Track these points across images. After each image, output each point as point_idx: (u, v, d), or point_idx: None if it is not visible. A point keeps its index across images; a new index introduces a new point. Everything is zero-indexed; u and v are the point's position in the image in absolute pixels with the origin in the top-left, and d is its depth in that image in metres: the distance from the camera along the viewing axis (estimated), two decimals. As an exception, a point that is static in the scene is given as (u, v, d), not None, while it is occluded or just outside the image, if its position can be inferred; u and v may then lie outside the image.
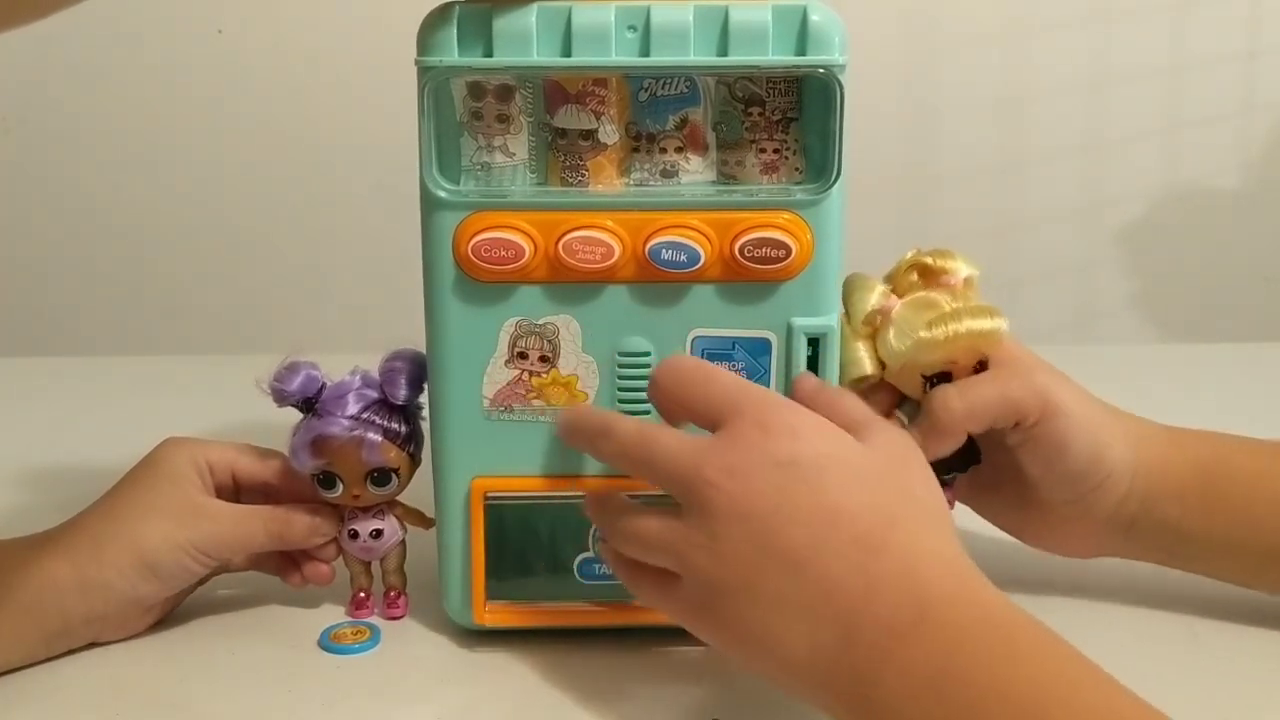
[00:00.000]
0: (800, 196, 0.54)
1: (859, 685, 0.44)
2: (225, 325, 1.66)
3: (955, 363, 0.57)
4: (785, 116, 0.55)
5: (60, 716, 0.53)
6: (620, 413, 0.53)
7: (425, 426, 0.59)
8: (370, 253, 1.60)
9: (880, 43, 1.60)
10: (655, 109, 0.55)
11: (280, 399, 0.58)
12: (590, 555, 0.58)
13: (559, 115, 0.54)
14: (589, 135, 0.54)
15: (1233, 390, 0.98)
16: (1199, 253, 1.71)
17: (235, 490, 0.60)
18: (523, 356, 0.56)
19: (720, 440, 0.48)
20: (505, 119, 0.55)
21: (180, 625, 0.60)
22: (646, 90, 0.55)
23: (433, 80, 0.53)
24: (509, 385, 0.56)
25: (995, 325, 0.56)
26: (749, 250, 0.53)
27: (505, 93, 0.54)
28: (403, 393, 0.58)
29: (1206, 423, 0.60)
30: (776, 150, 0.55)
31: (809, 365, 0.55)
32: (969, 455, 0.58)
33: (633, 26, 0.52)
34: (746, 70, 0.53)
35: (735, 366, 0.55)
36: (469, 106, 0.54)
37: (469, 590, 0.58)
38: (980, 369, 0.57)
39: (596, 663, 0.57)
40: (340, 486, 0.58)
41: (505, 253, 0.53)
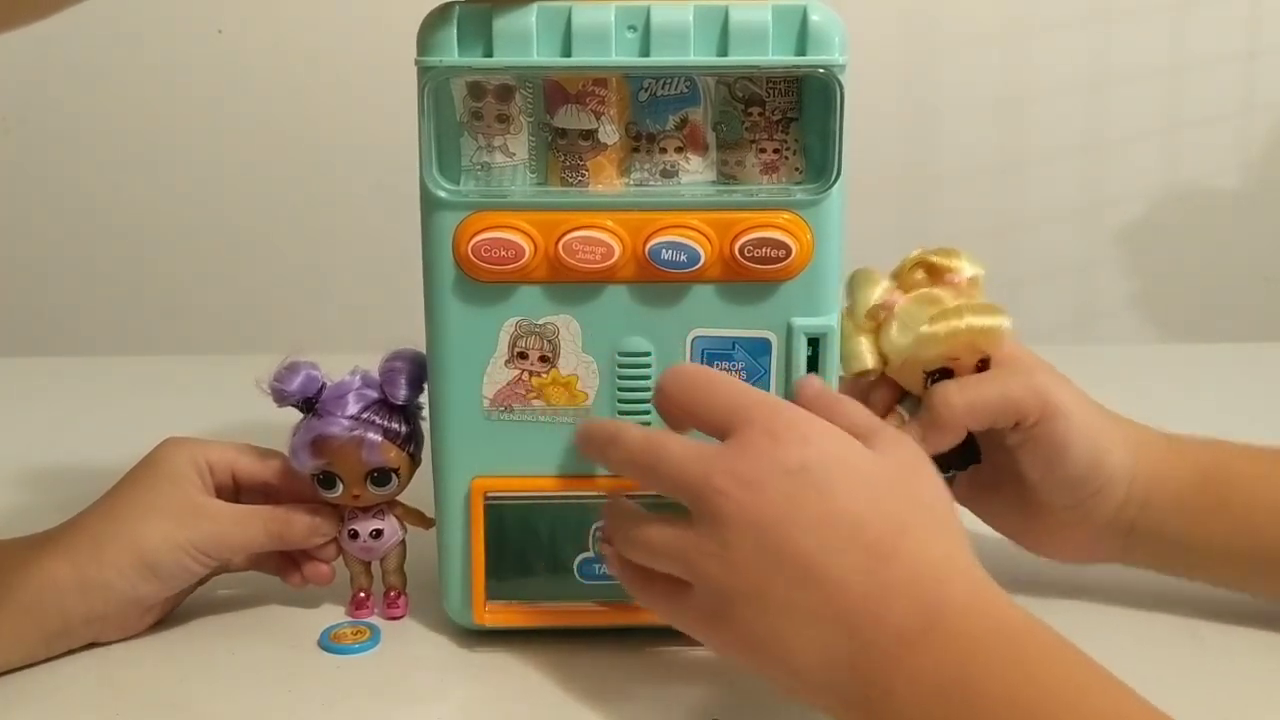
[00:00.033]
0: (800, 196, 0.54)
1: (870, 693, 0.44)
2: (225, 325, 1.66)
3: (957, 359, 0.57)
4: (785, 116, 0.55)
5: (60, 716, 0.53)
6: (624, 419, 0.53)
7: (425, 426, 0.59)
8: (370, 253, 1.60)
9: (880, 43, 1.60)
10: (655, 109, 0.55)
11: (280, 399, 0.58)
12: (590, 555, 0.58)
13: (559, 115, 0.54)
14: (589, 135, 0.54)
15: (1233, 390, 0.98)
16: (1199, 253, 1.71)
17: (235, 490, 0.60)
18: (523, 356, 0.56)
19: (730, 448, 0.48)
20: (505, 119, 0.55)
21: (180, 625, 0.60)
22: (646, 90, 0.55)
23: (433, 80, 0.53)
24: (509, 385, 0.56)
25: (998, 323, 0.56)
26: (749, 250, 0.53)
27: (505, 93, 0.54)
28: (403, 393, 0.58)
29: (1206, 423, 0.60)
30: (776, 150, 0.55)
31: (809, 365, 0.55)
32: (969, 454, 0.58)
33: (633, 26, 0.52)
34: (746, 70, 0.53)
35: (735, 367, 0.55)
36: (469, 106, 0.54)
37: (469, 590, 0.58)
38: (982, 368, 0.57)
39: (596, 663, 0.57)
40: (340, 486, 0.58)
41: (505, 253, 0.53)
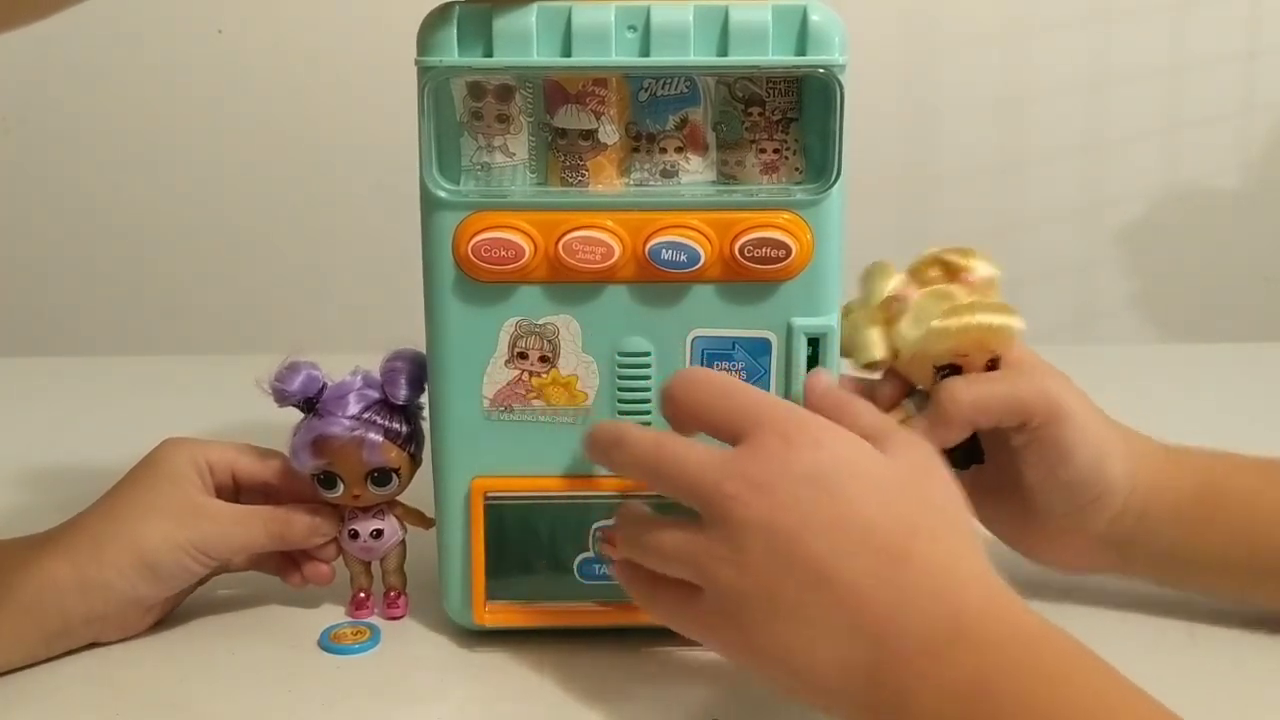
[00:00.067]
0: (800, 196, 0.54)
1: (890, 703, 0.43)
2: (225, 325, 1.66)
3: (966, 356, 0.57)
4: (785, 116, 0.55)
5: (60, 716, 0.53)
6: (625, 419, 0.53)
7: (425, 426, 0.59)
8: (370, 253, 1.60)
9: (880, 43, 1.60)
10: (655, 109, 0.55)
11: (281, 399, 0.58)
12: (590, 555, 0.58)
13: (559, 115, 0.54)
14: (589, 135, 0.54)
15: (1233, 390, 0.98)
16: (1199, 253, 1.71)
17: (235, 490, 0.60)
18: (523, 356, 0.56)
19: (742, 452, 0.47)
20: (505, 119, 0.55)
21: (180, 625, 0.60)
22: (646, 90, 0.55)
23: (433, 80, 0.53)
24: (509, 385, 0.56)
25: (1010, 322, 0.56)
26: (749, 250, 0.53)
27: (505, 93, 0.54)
28: (403, 393, 0.58)
29: (1206, 423, 0.60)
30: (776, 150, 0.55)
31: (809, 365, 0.55)
32: (971, 453, 0.58)
33: (633, 26, 0.52)
34: (746, 70, 0.53)
35: (735, 367, 0.55)
36: (469, 106, 0.54)
37: (469, 590, 0.58)
38: (991, 368, 0.57)
39: (596, 663, 0.57)
40: (341, 486, 0.58)
41: (505, 253, 0.53)
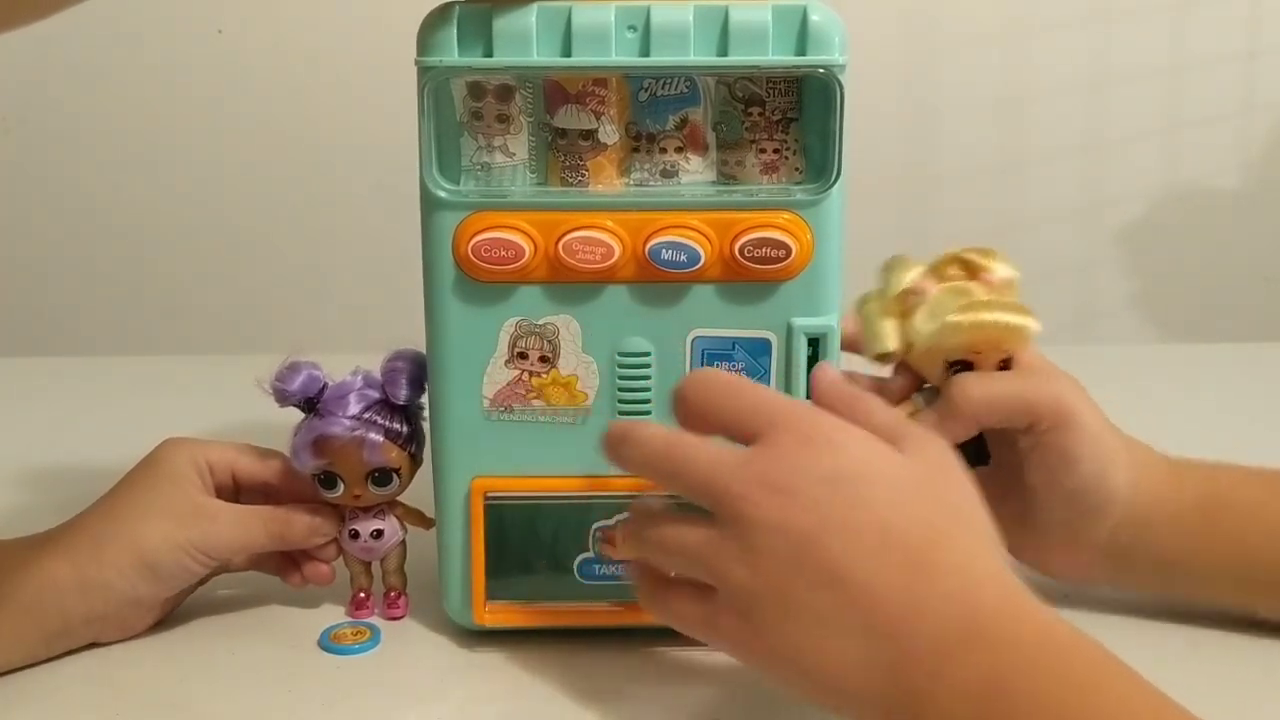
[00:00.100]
0: (800, 196, 0.54)
1: (904, 703, 0.43)
2: (225, 325, 1.67)
3: (979, 353, 0.57)
4: (785, 116, 0.55)
5: (60, 716, 0.53)
6: (625, 420, 0.53)
7: (426, 426, 0.59)
8: (370, 253, 1.60)
9: (880, 43, 1.60)
10: (655, 109, 0.55)
11: (282, 399, 0.58)
12: (590, 555, 0.58)
13: (559, 115, 0.54)
14: (589, 135, 0.54)
15: (1233, 390, 0.97)
16: (1199, 253, 1.71)
17: (235, 490, 0.60)
18: (523, 356, 0.56)
19: (759, 454, 0.47)
20: (505, 119, 0.55)
21: (180, 625, 0.60)
22: (646, 90, 0.55)
23: (433, 80, 0.53)
24: (509, 385, 0.56)
25: (1025, 323, 0.56)
26: (749, 250, 0.53)
27: (505, 93, 0.54)
28: (404, 393, 0.58)
29: (1206, 422, 0.60)
30: (776, 150, 0.55)
31: (809, 365, 0.55)
32: (977, 454, 0.58)
33: (633, 26, 0.52)
34: (746, 70, 0.53)
35: (735, 367, 0.55)
36: (469, 106, 0.54)
37: (469, 590, 0.58)
38: (1003, 368, 0.57)
39: (596, 663, 0.57)
40: (341, 486, 0.58)
41: (505, 253, 0.53)
